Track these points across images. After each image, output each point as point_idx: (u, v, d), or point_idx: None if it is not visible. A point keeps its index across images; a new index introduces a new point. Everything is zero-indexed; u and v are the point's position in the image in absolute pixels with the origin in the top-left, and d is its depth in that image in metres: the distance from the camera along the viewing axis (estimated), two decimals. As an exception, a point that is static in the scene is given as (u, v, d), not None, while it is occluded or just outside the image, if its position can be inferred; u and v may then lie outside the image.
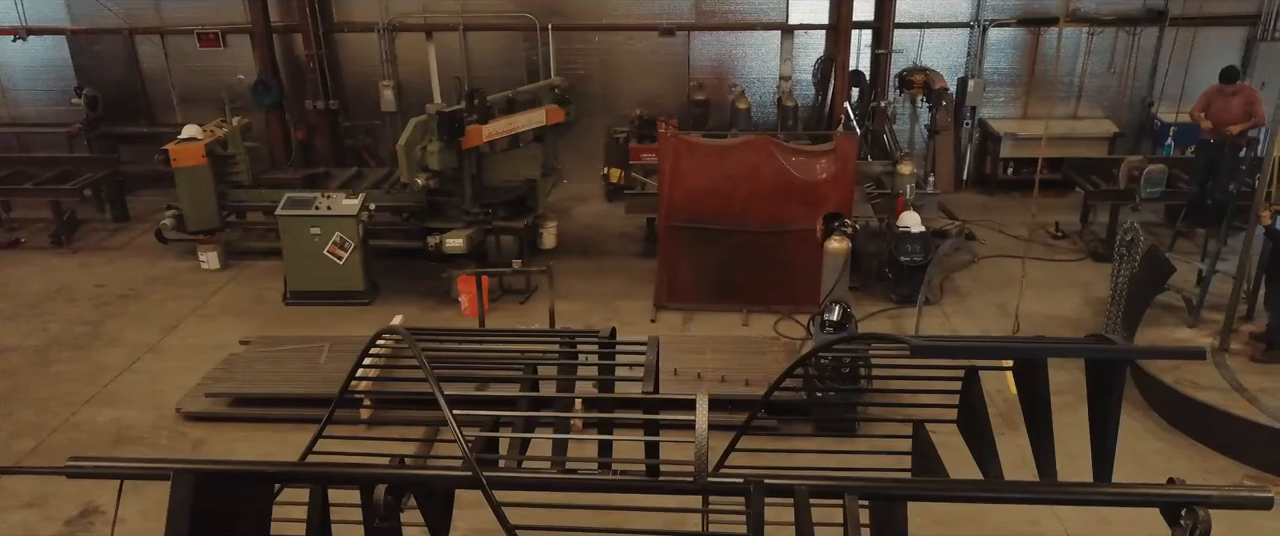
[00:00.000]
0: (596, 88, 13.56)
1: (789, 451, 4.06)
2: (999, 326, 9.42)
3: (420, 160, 9.96)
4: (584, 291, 10.40)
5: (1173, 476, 3.58)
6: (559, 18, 13.06)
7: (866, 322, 9.59)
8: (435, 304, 10.13)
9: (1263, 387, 8.14)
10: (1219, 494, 3.54)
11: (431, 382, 3.42)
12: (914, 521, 6.91)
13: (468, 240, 9.93)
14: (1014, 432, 7.60)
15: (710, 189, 9.26)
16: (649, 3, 13.10)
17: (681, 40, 13.21)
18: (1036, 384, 4.45)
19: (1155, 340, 9.10)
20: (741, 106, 13.11)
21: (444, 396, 3.26)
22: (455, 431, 3.17)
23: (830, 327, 7.56)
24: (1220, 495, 3.55)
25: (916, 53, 13.07)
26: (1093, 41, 12.89)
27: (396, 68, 13.54)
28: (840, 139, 9.11)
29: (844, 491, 3.44)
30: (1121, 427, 7.69)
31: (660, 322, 9.60)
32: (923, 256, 9.51)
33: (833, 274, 8.04)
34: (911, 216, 9.64)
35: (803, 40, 13.35)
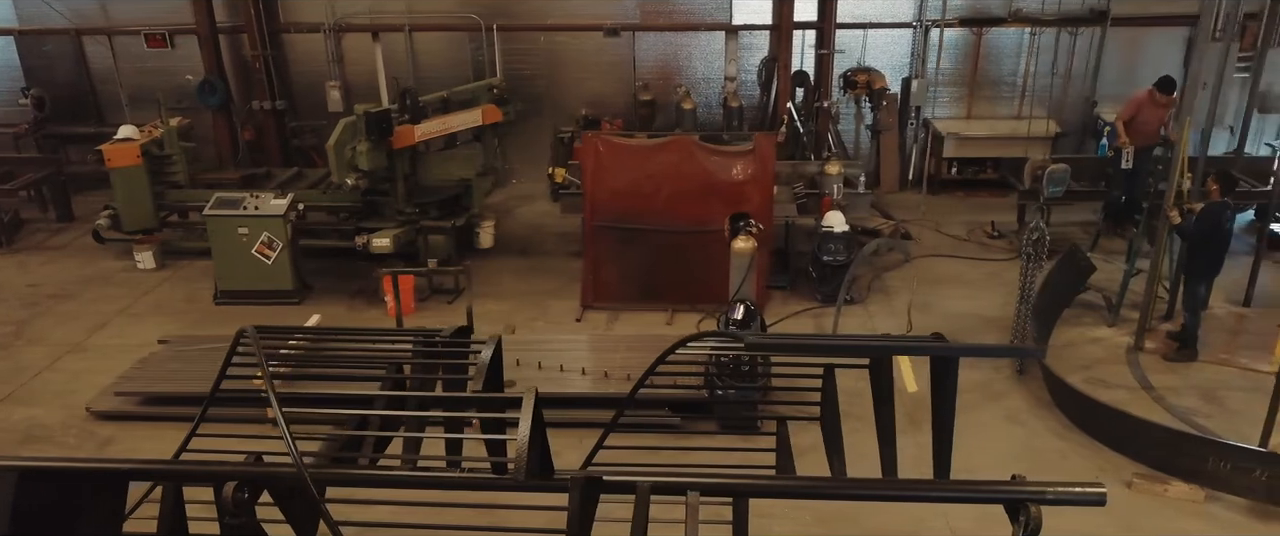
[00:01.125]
0: (544, 88, 13.61)
1: (686, 448, 4.15)
2: (919, 323, 9.45)
3: (350, 160, 9.99)
4: (515, 290, 10.44)
5: (1016, 473, 3.63)
6: (504, 18, 13.10)
7: (790, 321, 9.65)
8: (365, 303, 10.17)
9: (1170, 386, 8.23)
10: (1053, 492, 3.58)
11: (266, 382, 3.46)
12: (801, 520, 6.99)
13: (394, 240, 9.96)
14: (915, 430, 7.69)
15: (633, 189, 9.29)
16: (594, 3, 13.13)
17: (627, 40, 13.23)
18: (883, 382, 4.51)
19: (1073, 338, 9.18)
20: (687, 107, 13.14)
21: (277, 395, 3.29)
22: (282, 429, 3.17)
23: (734, 326, 7.60)
24: (1055, 493, 3.59)
25: (860, 53, 13.10)
26: (1035, 42, 12.92)
27: (343, 68, 13.58)
28: (758, 139, 9.15)
29: (687, 488, 3.49)
30: (1027, 427, 7.79)
31: (586, 322, 9.65)
32: (845, 256, 9.54)
33: (739, 273, 8.07)
34: (835, 216, 9.67)
35: (749, 41, 13.39)
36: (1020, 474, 3.67)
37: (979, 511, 6.73)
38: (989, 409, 7.95)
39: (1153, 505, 6.61)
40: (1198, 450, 6.59)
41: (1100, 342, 9.01)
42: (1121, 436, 7.11)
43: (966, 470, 6.87)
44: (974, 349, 6.65)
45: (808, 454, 4.64)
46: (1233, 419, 7.57)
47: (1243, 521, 6.42)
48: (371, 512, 3.86)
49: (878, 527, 6.41)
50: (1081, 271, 9.34)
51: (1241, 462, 6.39)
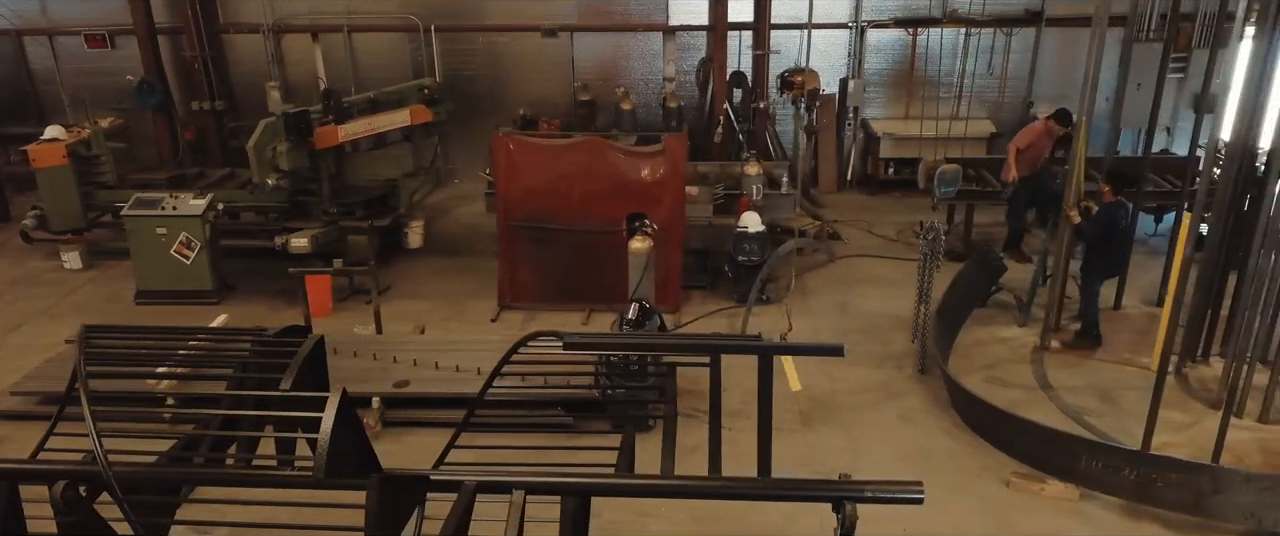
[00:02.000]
0: (485, 88, 13.64)
1: (574, 448, 4.14)
2: (833, 323, 9.49)
3: (271, 160, 10.02)
4: (437, 291, 10.47)
5: (842, 472, 3.67)
6: (443, 19, 13.13)
7: (705, 320, 9.67)
8: (285, 303, 10.18)
9: (1069, 386, 8.26)
10: (872, 490, 3.64)
11: (81, 384, 3.50)
12: (677, 519, 7.01)
13: (313, 240, 9.98)
14: (806, 429, 7.73)
15: (546, 189, 9.32)
16: (534, 4, 13.17)
17: (566, 41, 13.26)
18: (718, 379, 4.55)
19: (981, 338, 9.22)
20: (626, 107, 13.18)
21: (88, 396, 3.32)
22: (90, 427, 3.21)
23: (628, 325, 7.63)
24: (873, 491, 3.64)
25: (798, 54, 13.11)
26: (971, 42, 12.94)
27: (284, 69, 13.61)
28: (668, 140, 9.17)
29: (512, 487, 3.53)
30: (920, 427, 7.81)
31: (501, 322, 9.67)
32: (760, 256, 9.57)
33: (637, 272, 8.10)
34: (751, 216, 9.70)
35: (689, 41, 13.42)
36: (845, 473, 3.72)
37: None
38: (886, 408, 7.97)
39: (1028, 503, 6.64)
40: (1072, 449, 6.62)
41: (1008, 342, 9.04)
42: (1005, 436, 7.14)
43: (854, 468, 6.95)
44: (786, 347, 6.73)
45: (696, 452, 4.68)
46: (1124, 418, 7.59)
47: (1114, 520, 6.44)
48: (220, 511, 3.91)
49: (755, 525, 6.44)
50: (992, 272, 9.37)
51: (1112, 462, 6.42)
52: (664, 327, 8.11)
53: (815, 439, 7.51)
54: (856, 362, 8.70)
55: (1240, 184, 7.48)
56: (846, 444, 7.41)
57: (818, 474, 6.98)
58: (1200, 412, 7.74)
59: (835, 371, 8.55)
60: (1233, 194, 7.58)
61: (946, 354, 8.67)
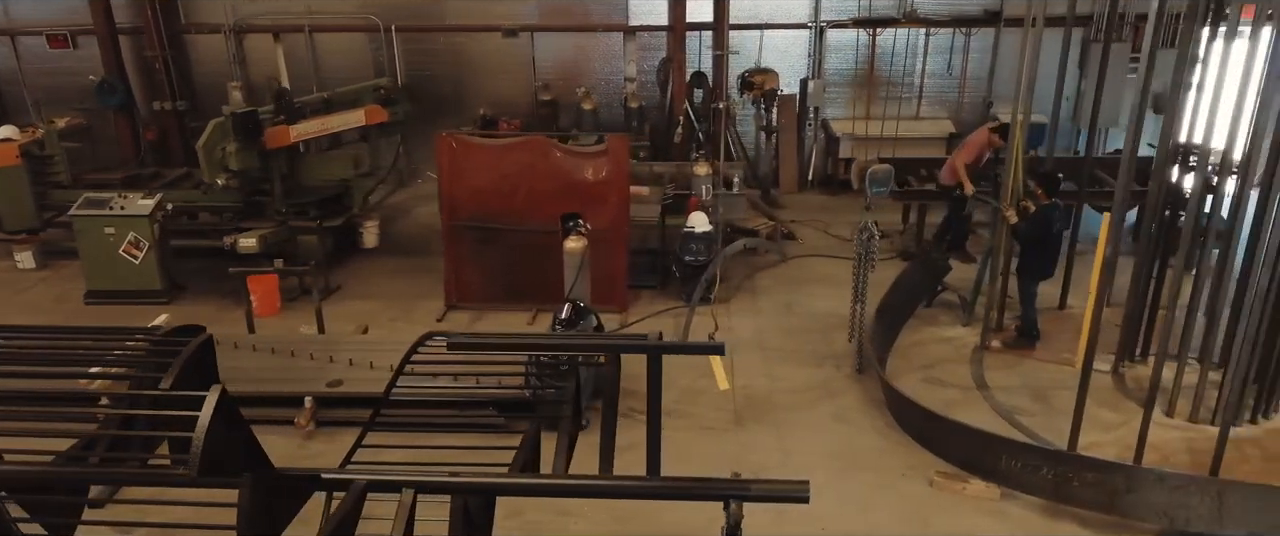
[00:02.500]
0: (447, 88, 13.66)
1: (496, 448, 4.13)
2: (776, 322, 9.52)
3: (221, 161, 10.04)
4: (389, 291, 10.48)
5: (736, 471, 3.69)
6: (403, 19, 13.14)
7: (652, 320, 9.67)
8: (235, 303, 10.17)
9: (1004, 385, 8.29)
10: (757, 488, 3.65)
11: None
12: (598, 519, 7.02)
13: (261, 240, 9.99)
14: (739, 429, 7.74)
15: (491, 188, 9.33)
16: (495, 4, 13.18)
17: (527, 41, 13.28)
18: (617, 379, 4.56)
19: (924, 337, 9.24)
20: (587, 107, 13.19)
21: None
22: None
23: (561, 326, 7.64)
24: (758, 489, 3.65)
25: (758, 54, 13.15)
26: (930, 43, 12.97)
27: (246, 68, 13.62)
28: (612, 140, 9.18)
29: (402, 486, 3.54)
30: (853, 426, 7.82)
31: (447, 322, 9.68)
32: (706, 256, 9.59)
33: (572, 272, 8.12)
34: (698, 217, 9.72)
35: (652, 42, 13.43)
36: (737, 470, 3.73)
37: (765, 506, 6.76)
38: (822, 407, 7.99)
39: (950, 503, 6.65)
40: (992, 449, 6.63)
41: (950, 342, 9.06)
42: (931, 435, 7.16)
43: (782, 467, 7.00)
44: (672, 346, 6.74)
45: (631, 451, 4.68)
46: (1056, 417, 7.59)
47: (1033, 519, 6.46)
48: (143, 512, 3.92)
49: (670, 524, 6.45)
50: (935, 272, 9.38)
51: (1030, 461, 6.44)
52: (600, 328, 8.11)
53: (747, 438, 7.52)
54: (797, 362, 8.73)
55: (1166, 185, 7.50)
56: (777, 443, 7.42)
57: (745, 473, 7.01)
58: (1132, 412, 7.74)
59: (775, 371, 8.58)
60: (1161, 195, 7.60)
61: (885, 353, 8.69)
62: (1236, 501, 5.98)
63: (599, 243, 9.32)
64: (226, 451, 3.45)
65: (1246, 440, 7.33)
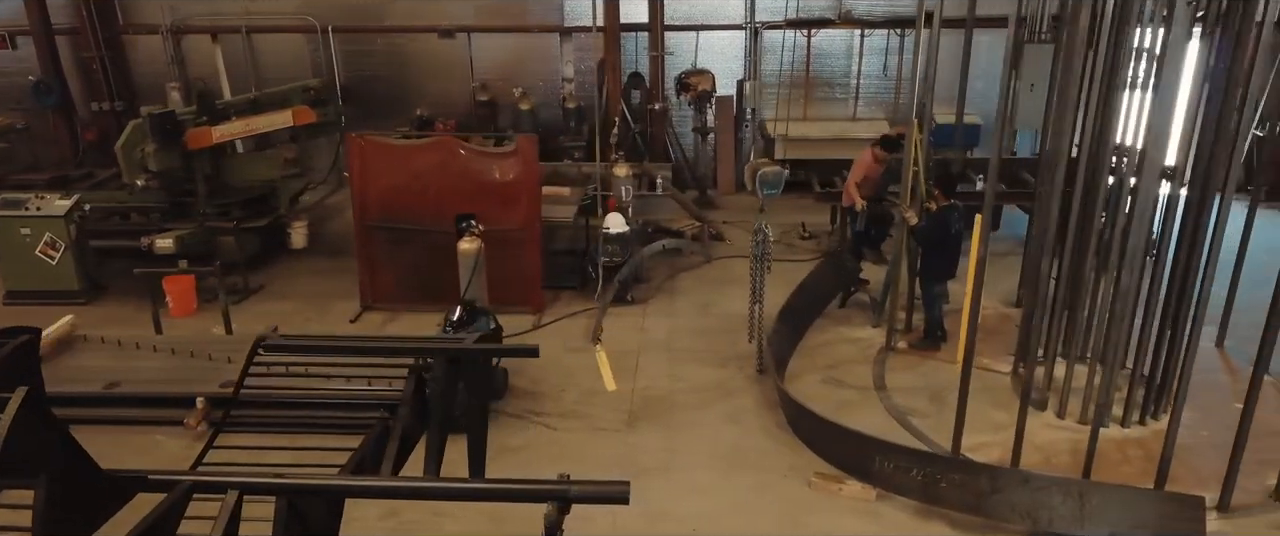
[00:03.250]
0: (385, 89, 13.66)
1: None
2: (689, 323, 9.53)
3: (140, 161, 10.05)
4: (310, 291, 10.49)
5: (562, 473, 3.69)
6: (341, 20, 13.15)
7: (567, 321, 9.68)
8: (153, 303, 10.20)
9: (903, 386, 8.30)
10: (577, 489, 3.66)
11: None
12: (471, 519, 7.02)
13: (178, 240, 9.99)
14: (629, 430, 7.73)
15: (402, 188, 9.34)
16: (432, 4, 13.19)
17: (465, 42, 13.29)
18: (441, 382, 4.57)
19: (832, 338, 9.26)
20: (524, 107, 13.21)
21: None
22: None
23: (450, 327, 7.65)
24: (578, 490, 3.66)
25: (694, 55, 13.16)
26: (867, 44, 12.99)
27: (185, 69, 13.62)
28: (520, 141, 9.19)
29: (226, 487, 3.55)
30: (743, 426, 7.82)
31: (361, 323, 9.69)
32: (622, 257, 9.60)
33: (466, 273, 8.13)
34: (614, 218, 9.73)
35: (592, 42, 13.42)
36: (565, 472, 3.75)
37: (639, 510, 6.76)
38: (717, 407, 7.99)
39: (826, 504, 6.65)
40: (867, 450, 6.64)
41: (857, 342, 9.08)
42: (814, 436, 7.17)
43: (667, 467, 7.00)
44: (486, 350, 6.75)
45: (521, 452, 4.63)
46: (949, 419, 7.50)
47: (905, 520, 6.46)
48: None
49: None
50: (846, 273, 9.40)
51: (901, 462, 6.45)
52: (498, 330, 8.11)
53: (635, 439, 7.53)
54: (702, 363, 8.74)
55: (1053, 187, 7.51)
56: (664, 444, 7.43)
57: (624, 475, 7.02)
58: (1032, 415, 7.77)
59: (679, 371, 8.59)
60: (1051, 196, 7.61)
61: (789, 354, 8.72)
62: (1098, 502, 6.00)
63: (511, 244, 9.36)
64: (33, 452, 3.46)
65: (1133, 441, 7.36)
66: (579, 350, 8.99)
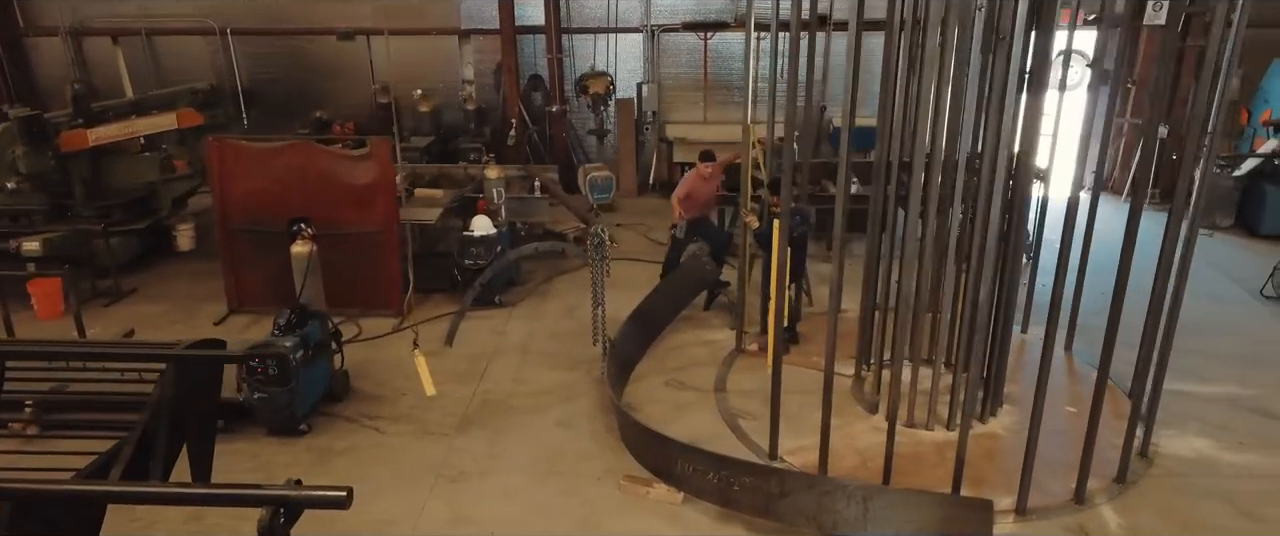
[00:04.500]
0: (287, 91, 13.65)
1: None
2: (551, 326, 9.53)
3: (11, 164, 10.04)
4: (183, 293, 10.48)
5: (295, 478, 3.69)
6: (241, 22, 13.14)
7: (433, 323, 9.66)
8: (22, 305, 10.18)
9: (744, 389, 8.31)
10: (297, 495, 3.65)
11: None
12: (230, 520, 6.98)
13: (45, 243, 9.97)
14: (459, 433, 7.72)
15: (263, 192, 9.33)
16: (332, 6, 13.18)
17: (364, 44, 13.29)
18: (170, 384, 4.54)
19: (689, 340, 9.27)
20: (424, 109, 13.22)
21: None
22: None
23: (278, 330, 7.64)
24: (298, 495, 3.66)
25: (593, 58, 13.17)
26: (764, 46, 12.97)
27: (88, 72, 13.61)
28: (374, 144, 9.19)
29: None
30: (575, 431, 7.84)
31: (227, 326, 9.68)
32: (486, 259, 9.61)
33: (299, 276, 8.13)
34: (481, 220, 9.74)
35: (494, 45, 13.44)
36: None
37: (456, 512, 6.67)
38: (553, 411, 7.98)
39: (631, 506, 6.65)
40: (672, 453, 6.65)
41: (711, 344, 9.08)
42: (632, 439, 7.18)
43: (486, 471, 6.99)
44: (184, 356, 6.73)
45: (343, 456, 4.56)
46: (781, 420, 7.62)
47: (706, 523, 6.46)
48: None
49: (346, 526, 6.45)
50: (702, 276, 9.42)
51: (700, 465, 6.46)
52: (337, 333, 8.12)
53: (462, 442, 7.52)
54: (551, 366, 8.74)
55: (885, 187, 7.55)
56: (488, 448, 7.43)
57: (440, 478, 7.04)
58: (856, 416, 7.80)
59: (525, 374, 8.60)
60: (882, 196, 7.64)
61: (638, 355, 8.74)
62: (881, 506, 6.02)
63: (371, 246, 9.38)
64: None
65: (946, 443, 7.35)
66: (434, 354, 8.99)
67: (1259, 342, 8.90)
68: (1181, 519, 6.41)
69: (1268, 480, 6.76)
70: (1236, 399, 7.90)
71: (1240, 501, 6.54)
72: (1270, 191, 11.24)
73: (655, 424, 7.75)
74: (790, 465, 7.13)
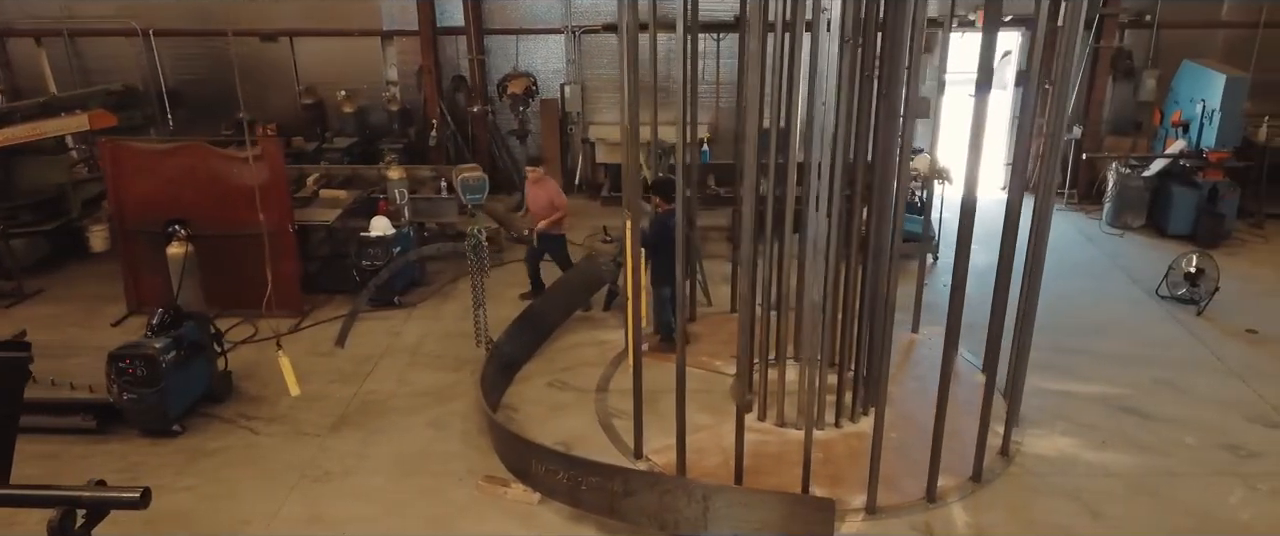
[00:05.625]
0: (212, 92, 13.62)
1: None
2: (446, 327, 9.55)
3: (-93, 166, 10.03)
4: (89, 294, 10.46)
5: (95, 479, 3.67)
6: (164, 23, 13.13)
7: (330, 324, 9.67)
8: (-76, 308, 10.18)
9: (624, 388, 8.27)
10: (91, 494, 3.66)
11: None
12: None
13: (-61, 244, 9.97)
14: (332, 433, 7.71)
15: (158, 193, 9.32)
16: (255, 6, 13.17)
17: (287, 45, 13.29)
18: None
19: (583, 340, 9.31)
20: (347, 110, 13.22)
21: None
22: None
23: (150, 330, 7.64)
24: (91, 496, 3.67)
25: (515, 58, 13.19)
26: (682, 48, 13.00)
27: (12, 73, 13.58)
28: (264, 145, 9.20)
29: None
30: (445, 431, 7.82)
31: (124, 327, 9.65)
32: (383, 260, 9.62)
33: (176, 276, 8.13)
34: (379, 221, 9.77)
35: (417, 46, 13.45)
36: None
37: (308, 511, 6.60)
38: (429, 412, 7.99)
39: (486, 506, 6.67)
40: (527, 453, 6.68)
41: (604, 345, 9.11)
42: (495, 440, 7.20)
43: (351, 470, 7.00)
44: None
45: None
46: (657, 419, 7.61)
47: (558, 523, 6.47)
48: None
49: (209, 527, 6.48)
50: (595, 277, 9.45)
51: (552, 465, 6.49)
52: (218, 335, 8.13)
53: (332, 443, 7.53)
54: (437, 367, 8.76)
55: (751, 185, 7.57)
56: (357, 448, 7.44)
57: (303, 479, 7.05)
58: (730, 415, 7.81)
59: (410, 376, 8.61)
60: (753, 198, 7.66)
61: (525, 355, 8.77)
62: (721, 505, 6.05)
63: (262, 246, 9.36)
64: None
65: (819, 443, 7.40)
66: (326, 355, 9.01)
67: (1145, 343, 8.96)
68: (1027, 517, 6.47)
69: (1119, 479, 6.82)
70: (1110, 398, 7.96)
71: (1088, 499, 6.59)
72: (1177, 192, 11.31)
73: (531, 424, 7.82)
74: (654, 464, 7.18)
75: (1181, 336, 9.10)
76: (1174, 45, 12.46)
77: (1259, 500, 6.57)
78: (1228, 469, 6.94)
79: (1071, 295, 10.10)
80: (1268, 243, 11.45)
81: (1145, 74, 12.49)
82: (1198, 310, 9.46)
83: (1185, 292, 9.59)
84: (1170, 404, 7.86)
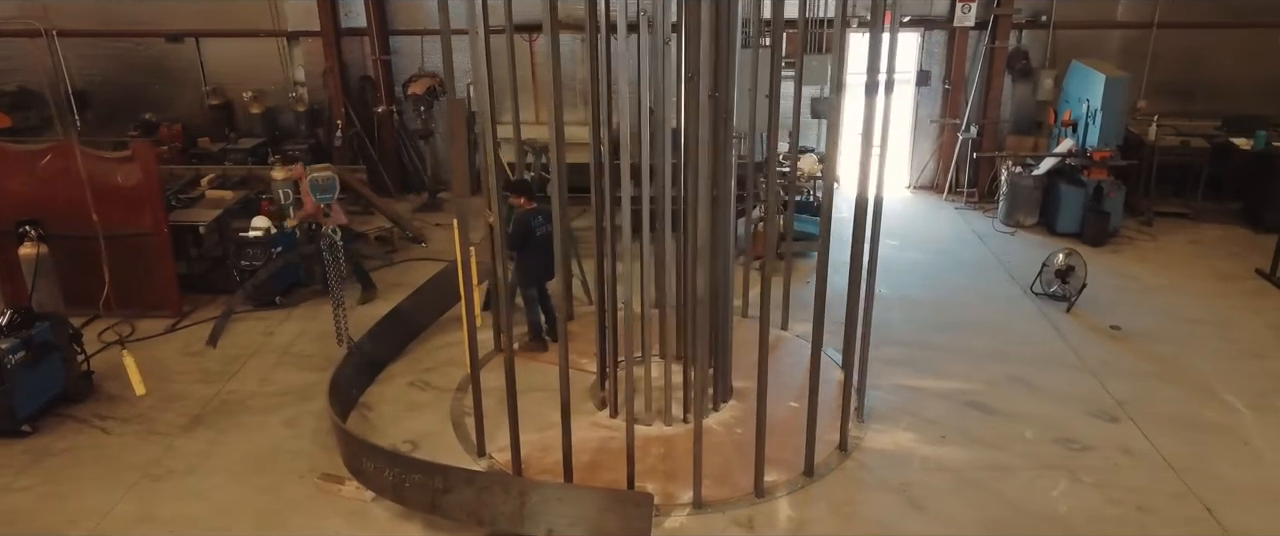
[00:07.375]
0: (119, 93, 13.58)
1: None
2: (324, 328, 9.52)
3: None
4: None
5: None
6: (67, 24, 13.07)
7: (207, 325, 9.67)
8: None
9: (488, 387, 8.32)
10: None
11: None
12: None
13: None
14: (184, 432, 7.70)
15: (31, 194, 9.29)
16: (159, 7, 13.12)
17: (193, 46, 13.27)
18: None
19: (457, 339, 9.27)
20: (255, 111, 13.21)
21: None
22: None
23: (2, 331, 7.63)
24: None
25: (420, 59, 13.22)
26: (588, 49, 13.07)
27: (-85, 75, 13.50)
28: (136, 148, 9.19)
29: None
30: (298, 429, 7.90)
31: (0, 328, 9.63)
32: (261, 260, 9.63)
33: (30, 277, 8.12)
34: (259, 220, 9.78)
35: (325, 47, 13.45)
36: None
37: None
38: (289, 410, 8.01)
39: (320, 504, 6.70)
40: (359, 451, 6.72)
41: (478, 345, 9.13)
42: (336, 439, 7.23)
43: (196, 467, 7.03)
44: None
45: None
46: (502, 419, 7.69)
47: (386, 520, 6.52)
48: None
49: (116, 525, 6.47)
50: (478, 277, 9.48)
51: (379, 463, 6.53)
52: (76, 335, 8.12)
53: (182, 442, 7.55)
54: (307, 367, 8.77)
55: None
56: (207, 447, 7.45)
57: (144, 478, 7.06)
58: (586, 413, 7.90)
59: (275, 375, 8.63)
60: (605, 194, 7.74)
61: (391, 355, 8.81)
62: (536, 500, 6.11)
63: (142, 247, 9.38)
64: None
65: (657, 438, 7.48)
66: (197, 354, 9.01)
67: (1010, 340, 9.07)
68: (850, 511, 6.56)
69: (949, 473, 6.92)
70: (960, 393, 8.07)
71: (914, 493, 6.69)
72: (1065, 190, 11.46)
73: (384, 423, 7.86)
74: (495, 462, 7.23)
75: (1047, 333, 9.23)
76: (1073, 45, 12.61)
77: (1081, 492, 6.69)
78: (1058, 462, 7.06)
79: (952, 292, 10.23)
80: (1155, 241, 11.61)
81: (1042, 74, 12.64)
82: (1067, 307, 9.59)
83: (1057, 289, 9.72)
84: (1018, 399, 7.98)
